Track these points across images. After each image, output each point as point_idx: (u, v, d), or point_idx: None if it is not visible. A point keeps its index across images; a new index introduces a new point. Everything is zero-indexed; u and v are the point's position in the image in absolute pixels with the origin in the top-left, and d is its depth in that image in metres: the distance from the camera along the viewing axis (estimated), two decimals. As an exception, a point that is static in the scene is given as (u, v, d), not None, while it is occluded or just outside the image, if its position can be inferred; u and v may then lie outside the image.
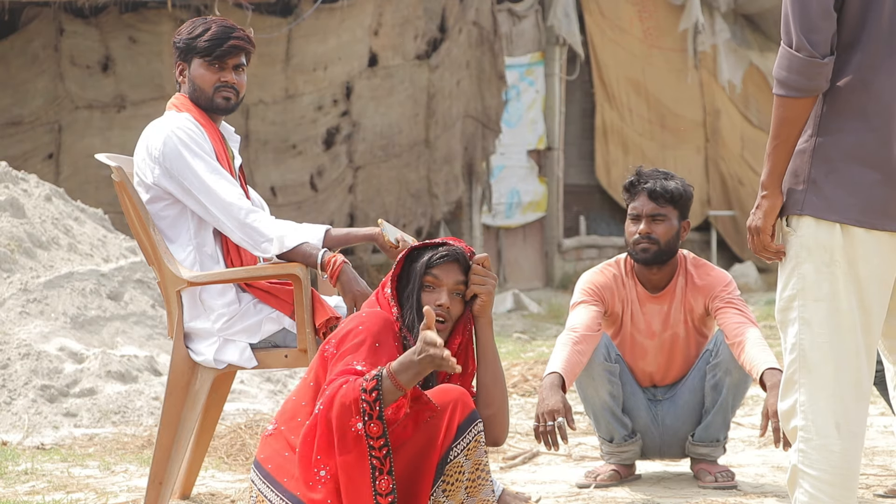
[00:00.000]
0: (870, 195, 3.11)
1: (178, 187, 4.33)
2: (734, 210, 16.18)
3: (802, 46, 3.08)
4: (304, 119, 12.25)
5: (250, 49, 4.50)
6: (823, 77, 3.10)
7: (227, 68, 4.46)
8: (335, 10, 12.20)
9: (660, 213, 4.99)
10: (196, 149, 4.32)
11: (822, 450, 3.15)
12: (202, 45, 4.43)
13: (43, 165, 11.43)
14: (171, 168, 4.32)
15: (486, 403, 3.70)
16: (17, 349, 6.51)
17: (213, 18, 4.52)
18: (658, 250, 4.99)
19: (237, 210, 4.27)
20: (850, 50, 3.13)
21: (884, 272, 3.14)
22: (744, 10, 16.23)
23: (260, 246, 4.28)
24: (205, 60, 4.44)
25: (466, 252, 3.72)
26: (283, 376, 7.16)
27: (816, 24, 3.07)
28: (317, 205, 12.21)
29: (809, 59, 3.08)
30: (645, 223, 4.99)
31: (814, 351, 3.16)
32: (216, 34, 4.44)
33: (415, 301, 3.65)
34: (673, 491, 4.97)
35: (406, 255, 3.72)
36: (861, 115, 3.12)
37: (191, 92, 4.48)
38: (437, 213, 12.82)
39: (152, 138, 4.38)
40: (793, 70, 3.10)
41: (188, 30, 4.48)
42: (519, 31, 14.03)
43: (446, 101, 12.82)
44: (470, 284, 3.69)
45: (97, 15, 11.71)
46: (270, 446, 3.58)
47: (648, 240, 4.98)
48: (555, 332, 10.60)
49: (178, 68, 4.49)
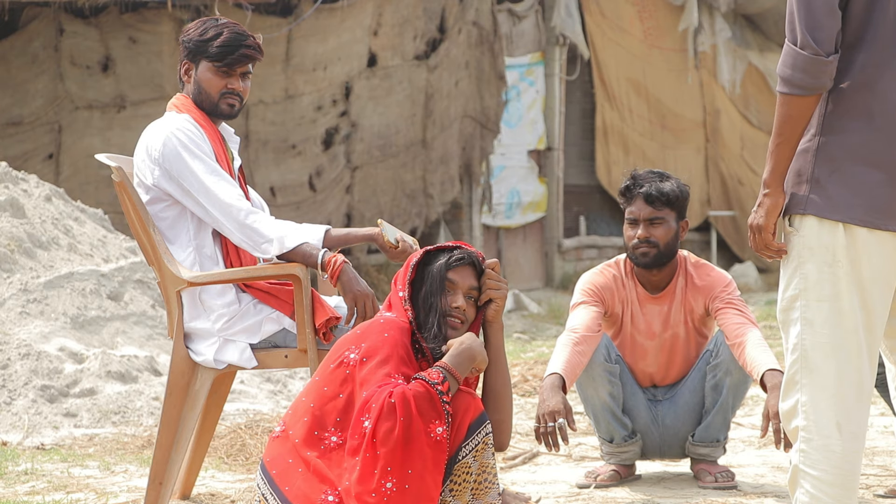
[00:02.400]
0: (873, 195, 3.10)
1: (178, 188, 4.33)
2: (734, 210, 16.17)
3: (807, 44, 3.07)
4: (304, 119, 12.25)
5: (259, 58, 4.51)
6: (828, 75, 3.09)
7: (235, 75, 4.46)
8: (335, 11, 12.19)
9: (657, 217, 4.99)
10: (195, 150, 4.32)
11: (823, 450, 3.15)
12: (213, 49, 4.42)
13: (43, 165, 11.43)
14: (170, 169, 4.32)
15: (496, 408, 3.70)
16: (17, 349, 6.51)
17: (225, 22, 4.48)
18: (658, 253, 4.99)
19: (236, 211, 4.27)
20: (853, 49, 3.12)
21: (887, 273, 3.13)
22: (744, 10, 16.23)
23: (260, 247, 4.27)
24: (213, 65, 4.44)
25: (478, 257, 3.73)
26: (283, 376, 7.16)
27: (821, 21, 3.07)
28: (315, 205, 12.20)
29: (814, 56, 3.07)
30: (643, 227, 4.99)
31: (815, 351, 3.16)
32: (228, 41, 4.42)
33: (437, 304, 3.65)
34: (673, 491, 4.97)
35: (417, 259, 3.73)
36: (865, 115, 3.11)
37: (195, 93, 4.47)
38: (432, 213, 12.81)
39: (152, 139, 4.38)
40: (797, 68, 3.09)
41: (199, 30, 4.45)
42: (519, 32, 14.02)
43: (444, 102, 12.82)
44: (484, 289, 3.70)
45: (97, 15, 11.70)
46: (276, 450, 3.57)
47: (648, 243, 4.98)
48: (555, 333, 10.60)
49: (184, 67, 4.48)
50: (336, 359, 3.59)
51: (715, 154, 16.17)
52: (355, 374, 3.52)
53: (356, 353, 3.55)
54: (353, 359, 3.55)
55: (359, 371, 3.51)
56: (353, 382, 3.52)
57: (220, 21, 4.50)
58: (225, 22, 4.49)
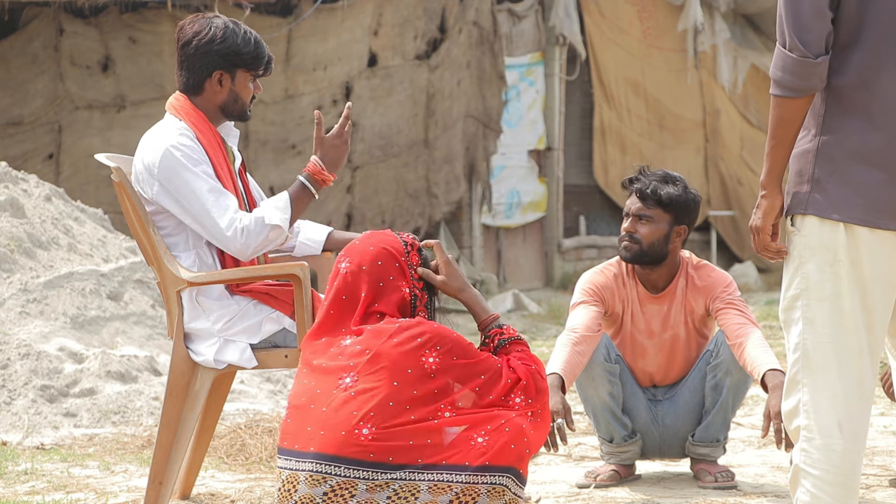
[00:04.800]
0: (874, 194, 3.11)
1: (176, 205, 4.31)
2: (734, 210, 16.18)
3: (795, 46, 3.08)
4: (304, 119, 12.25)
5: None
6: (817, 77, 3.10)
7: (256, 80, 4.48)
8: (335, 11, 12.20)
9: (645, 214, 4.98)
10: (193, 167, 4.28)
11: (824, 449, 3.15)
12: (249, 59, 4.39)
13: (43, 165, 11.44)
14: (168, 187, 4.30)
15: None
16: (17, 349, 6.51)
17: (237, 24, 4.43)
18: (639, 251, 4.97)
19: (230, 240, 4.26)
20: (850, 49, 3.12)
21: (888, 272, 3.14)
22: (744, 10, 16.23)
23: (272, 245, 4.30)
24: (251, 73, 4.43)
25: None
26: (283, 376, 7.16)
27: (808, 23, 3.07)
28: (315, 205, 12.19)
29: (802, 59, 3.08)
30: (630, 222, 5.00)
31: (817, 351, 3.16)
32: (258, 48, 4.41)
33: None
34: (673, 491, 4.97)
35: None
36: (864, 115, 3.12)
37: (228, 102, 4.41)
38: (435, 213, 12.81)
39: (150, 154, 4.34)
40: (787, 70, 3.10)
41: (223, 35, 4.36)
42: (519, 32, 14.03)
43: (446, 102, 12.82)
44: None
45: (97, 15, 11.71)
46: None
47: (630, 238, 4.98)
48: (555, 333, 10.60)
49: (218, 76, 4.39)
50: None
51: (715, 154, 16.18)
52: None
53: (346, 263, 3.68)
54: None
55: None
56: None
57: (241, 24, 4.44)
58: (237, 23, 4.44)
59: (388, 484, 3.38)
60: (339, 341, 3.58)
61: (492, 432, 3.42)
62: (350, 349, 3.53)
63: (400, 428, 3.40)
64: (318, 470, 3.41)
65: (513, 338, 3.69)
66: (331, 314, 3.64)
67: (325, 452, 3.41)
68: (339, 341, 3.58)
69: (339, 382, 3.46)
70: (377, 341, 3.50)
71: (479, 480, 3.39)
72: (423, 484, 3.38)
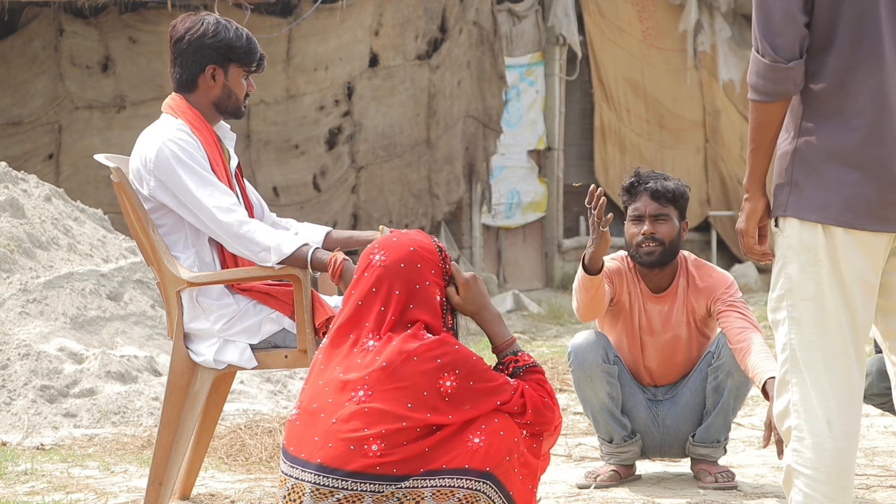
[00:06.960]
0: (850, 195, 3.13)
1: (173, 199, 4.32)
2: (734, 210, 16.18)
3: (766, 51, 3.11)
4: (306, 119, 12.26)
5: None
6: (790, 81, 3.12)
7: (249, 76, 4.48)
8: (335, 11, 12.20)
9: (663, 213, 4.99)
10: (188, 161, 4.29)
11: (814, 448, 3.16)
12: (241, 53, 4.40)
13: (43, 165, 11.44)
14: (164, 181, 4.30)
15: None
16: (16, 349, 6.51)
17: (229, 21, 4.45)
18: (664, 251, 4.99)
19: (227, 226, 4.25)
20: (825, 53, 3.15)
21: (865, 272, 3.16)
22: (744, 9, 16.24)
23: (258, 256, 4.27)
24: (243, 69, 4.43)
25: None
26: (283, 377, 7.16)
27: (778, 28, 3.10)
28: (320, 205, 12.21)
29: (773, 63, 3.11)
30: (648, 223, 4.98)
31: (803, 350, 3.18)
32: (250, 43, 4.42)
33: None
34: (673, 491, 4.97)
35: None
36: (840, 116, 3.14)
37: (222, 98, 4.43)
38: (438, 213, 12.82)
39: (146, 149, 4.35)
40: (760, 75, 3.14)
41: (215, 30, 4.38)
42: (519, 32, 14.03)
43: (447, 101, 12.83)
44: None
45: (97, 15, 11.71)
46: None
47: (653, 240, 4.97)
48: (555, 333, 10.60)
49: (211, 71, 4.42)
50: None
51: (714, 154, 16.18)
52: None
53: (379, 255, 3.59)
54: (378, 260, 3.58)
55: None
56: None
57: (221, 19, 4.45)
58: (229, 20, 4.46)
59: (393, 493, 3.37)
60: (363, 342, 3.54)
61: (486, 431, 3.42)
62: (370, 359, 3.48)
63: (407, 445, 3.40)
64: (324, 483, 3.39)
65: (527, 365, 3.65)
66: (359, 305, 3.55)
67: (331, 466, 3.40)
68: (364, 342, 3.53)
69: (352, 394, 3.45)
70: (398, 358, 3.46)
71: (480, 488, 3.39)
72: (426, 490, 3.38)
